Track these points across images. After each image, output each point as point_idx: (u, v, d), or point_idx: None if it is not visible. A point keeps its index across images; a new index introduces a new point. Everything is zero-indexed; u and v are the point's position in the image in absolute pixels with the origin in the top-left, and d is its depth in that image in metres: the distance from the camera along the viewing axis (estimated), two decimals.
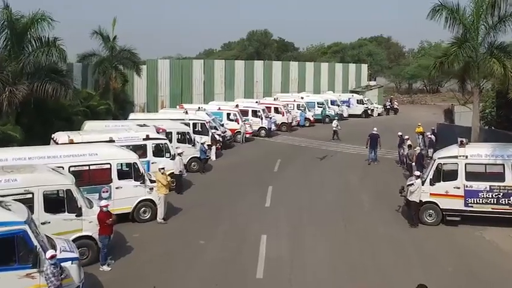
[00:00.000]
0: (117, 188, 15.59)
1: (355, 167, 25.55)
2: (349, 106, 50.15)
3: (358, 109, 50.71)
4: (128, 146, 18.77)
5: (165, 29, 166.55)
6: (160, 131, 20.51)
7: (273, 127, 36.67)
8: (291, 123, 39.40)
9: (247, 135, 33.67)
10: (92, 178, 15.28)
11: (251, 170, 24.68)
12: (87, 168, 15.22)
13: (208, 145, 26.72)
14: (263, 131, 35.98)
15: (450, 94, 77.63)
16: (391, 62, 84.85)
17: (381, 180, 22.30)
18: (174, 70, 43.85)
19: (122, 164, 15.95)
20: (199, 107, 31.71)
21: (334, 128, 34.51)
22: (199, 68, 45.79)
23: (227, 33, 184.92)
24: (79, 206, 12.47)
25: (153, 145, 19.79)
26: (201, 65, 46.50)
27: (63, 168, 14.33)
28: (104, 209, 12.46)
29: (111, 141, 18.43)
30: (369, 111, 51.54)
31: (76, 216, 12.42)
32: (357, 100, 51.38)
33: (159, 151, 19.97)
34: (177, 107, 35.09)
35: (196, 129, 27.57)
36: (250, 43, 78.07)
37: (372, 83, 63.56)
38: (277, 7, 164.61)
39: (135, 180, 15.94)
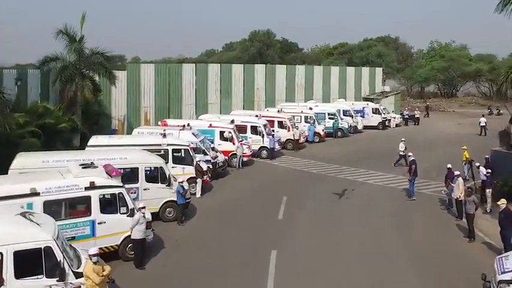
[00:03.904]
0: None
1: (386, 211, 19.08)
2: (363, 116, 43.71)
3: (374, 120, 44.34)
4: (61, 201, 12.84)
5: (165, 29, 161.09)
6: (114, 174, 14.08)
7: (277, 146, 30.23)
8: (298, 139, 33.02)
9: (245, 159, 27.29)
10: None
11: (247, 216, 18.28)
12: None
13: (191, 177, 20.67)
14: (265, 152, 29.67)
15: (467, 99, 72.00)
16: (399, 63, 78.79)
17: (431, 243, 15.54)
18: (161, 76, 36.86)
19: (22, 251, 9.54)
20: (184, 125, 25.41)
21: (400, 153, 26.82)
22: (190, 74, 38.74)
23: (229, 34, 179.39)
24: None
25: (102, 197, 13.54)
26: (193, 70, 39.37)
27: None
28: None
29: (35, 194, 12.50)
30: (386, 122, 45.14)
31: None
32: (373, 109, 44.90)
33: (110, 205, 13.70)
34: (159, 123, 28.82)
35: (180, 154, 21.54)
36: (252, 44, 73.08)
37: (387, 88, 56.87)
38: (279, 6, 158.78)
39: (47, 277, 9.62)
